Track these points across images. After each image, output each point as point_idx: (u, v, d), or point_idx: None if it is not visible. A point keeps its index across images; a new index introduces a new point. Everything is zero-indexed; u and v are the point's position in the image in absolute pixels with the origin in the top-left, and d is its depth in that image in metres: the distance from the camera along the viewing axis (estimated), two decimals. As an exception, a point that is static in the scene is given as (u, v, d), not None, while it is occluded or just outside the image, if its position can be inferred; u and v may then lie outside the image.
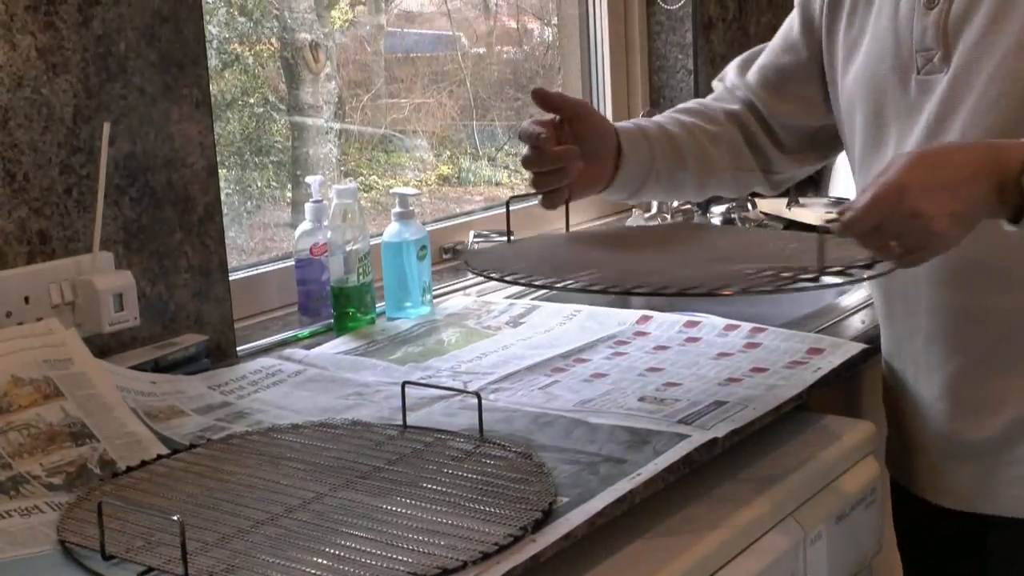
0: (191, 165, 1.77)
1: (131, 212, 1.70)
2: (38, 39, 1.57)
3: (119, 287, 1.64)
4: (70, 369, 1.46)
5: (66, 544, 1.16)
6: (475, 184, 2.79)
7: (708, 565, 1.30)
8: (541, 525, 1.16)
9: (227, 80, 2.29)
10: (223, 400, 1.59)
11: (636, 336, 1.81)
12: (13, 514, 1.23)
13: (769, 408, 1.49)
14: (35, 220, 1.59)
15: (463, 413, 1.49)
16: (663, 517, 1.35)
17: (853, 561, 1.56)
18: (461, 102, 2.73)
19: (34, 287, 1.58)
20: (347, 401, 1.57)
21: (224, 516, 1.20)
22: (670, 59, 2.78)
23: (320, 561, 1.09)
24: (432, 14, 2.66)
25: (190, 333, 1.77)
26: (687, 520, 1.35)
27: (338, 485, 1.27)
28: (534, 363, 1.69)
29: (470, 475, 1.29)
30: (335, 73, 2.46)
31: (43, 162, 1.59)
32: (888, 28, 1.52)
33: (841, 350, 1.68)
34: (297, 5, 2.36)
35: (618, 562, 1.26)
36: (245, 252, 2.21)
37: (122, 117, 1.67)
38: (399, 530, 1.15)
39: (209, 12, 2.11)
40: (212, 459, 1.37)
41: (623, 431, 1.42)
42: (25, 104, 1.57)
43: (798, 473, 1.48)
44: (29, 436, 1.36)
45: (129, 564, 1.10)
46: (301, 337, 1.90)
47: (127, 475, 1.33)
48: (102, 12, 1.63)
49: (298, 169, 2.38)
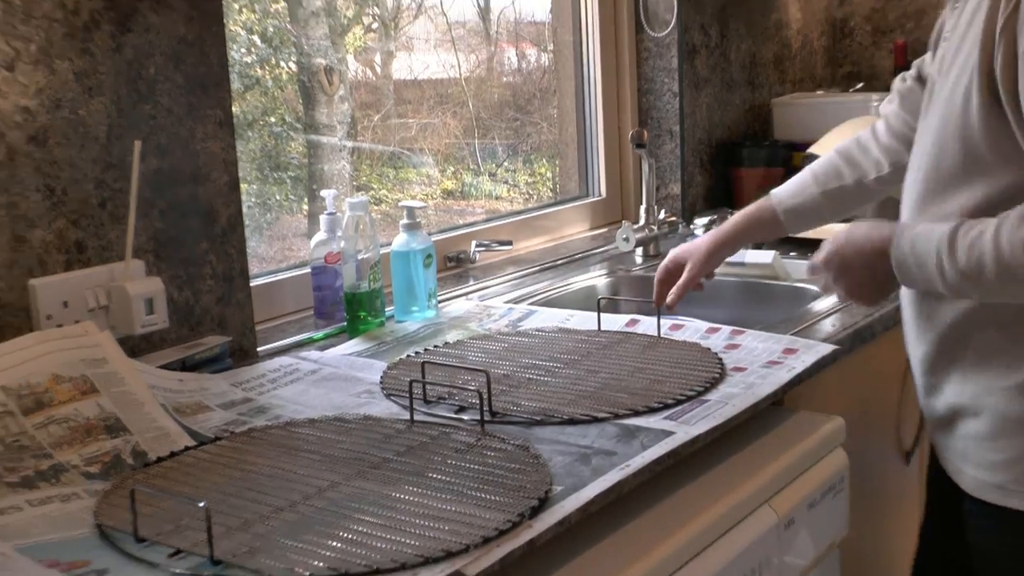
0: (215, 180, 1.78)
1: (160, 223, 1.71)
2: (75, 64, 1.58)
3: (149, 292, 1.64)
4: (105, 368, 1.47)
5: (102, 528, 1.17)
6: (477, 197, 2.80)
7: (692, 547, 1.30)
8: (538, 512, 1.17)
9: (248, 101, 2.29)
10: (245, 396, 1.60)
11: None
12: (54, 500, 1.24)
13: (748, 405, 1.50)
14: (72, 231, 1.60)
15: (465, 409, 1.50)
16: (650, 505, 1.36)
17: (823, 543, 1.56)
18: (464, 122, 2.73)
19: (72, 292, 1.58)
20: (359, 399, 1.58)
21: (246, 503, 1.21)
22: (657, 82, 2.79)
23: (334, 544, 1.10)
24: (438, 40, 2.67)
25: (214, 335, 1.78)
26: (672, 507, 1.36)
27: (351, 475, 1.28)
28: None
29: (472, 466, 1.29)
30: (348, 95, 2.46)
31: (79, 177, 1.60)
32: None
33: (813, 351, 1.69)
34: (313, 32, 2.37)
35: (609, 546, 1.26)
36: (265, 260, 2.21)
37: (152, 136, 1.68)
38: (407, 516, 1.16)
39: (232, 38, 2.11)
40: (235, 451, 1.38)
41: (613, 426, 1.43)
42: (63, 124, 1.57)
43: (773, 464, 1.49)
44: (68, 429, 1.37)
45: (159, 546, 1.11)
46: (316, 339, 1.91)
47: (157, 465, 1.34)
48: (133, 39, 1.64)
49: (314, 184, 2.38)
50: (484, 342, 1.83)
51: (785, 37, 3.18)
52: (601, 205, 2.80)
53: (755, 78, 3.06)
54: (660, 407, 1.48)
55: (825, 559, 1.59)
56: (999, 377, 1.46)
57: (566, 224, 2.71)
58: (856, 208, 1.86)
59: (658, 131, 2.81)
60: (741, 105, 3.01)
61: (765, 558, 1.42)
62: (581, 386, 1.57)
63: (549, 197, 2.85)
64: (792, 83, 3.23)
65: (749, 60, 3.03)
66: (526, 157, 2.87)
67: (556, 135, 2.84)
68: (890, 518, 2.07)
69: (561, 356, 1.72)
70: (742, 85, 3.01)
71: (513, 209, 2.71)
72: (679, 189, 2.81)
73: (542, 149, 2.87)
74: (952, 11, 1.50)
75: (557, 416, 1.45)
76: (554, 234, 2.67)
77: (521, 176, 2.87)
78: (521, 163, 2.86)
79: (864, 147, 1.80)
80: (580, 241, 2.68)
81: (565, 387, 1.57)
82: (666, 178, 2.81)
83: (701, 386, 1.55)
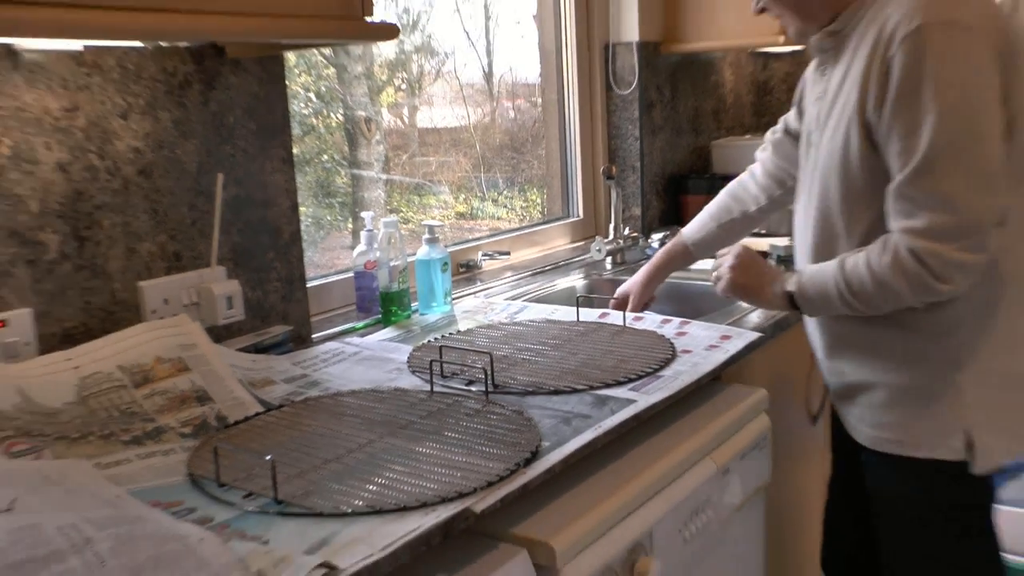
0: (280, 204, 1.78)
1: (238, 238, 1.71)
2: (173, 114, 1.58)
3: (229, 292, 1.64)
4: (195, 351, 1.47)
5: (192, 475, 1.17)
6: (482, 218, 2.79)
7: (651, 490, 1.31)
8: (530, 462, 1.17)
9: (306, 143, 2.29)
10: (302, 373, 1.60)
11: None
12: (157, 454, 1.24)
13: (693, 379, 1.50)
14: (171, 244, 1.60)
15: (473, 383, 1.49)
16: (618, 456, 1.36)
17: (751, 487, 1.56)
18: (472, 160, 2.73)
19: (170, 292, 1.58)
20: (390, 374, 1.58)
21: (302, 456, 1.21)
22: (623, 129, 2.79)
23: (371, 488, 1.10)
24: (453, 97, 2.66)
25: (279, 325, 1.78)
26: (635, 458, 1.36)
27: (384, 433, 1.28)
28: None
29: (479, 426, 1.30)
30: (383, 139, 2.46)
31: (176, 202, 1.60)
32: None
33: (744, 337, 1.69)
34: (356, 91, 2.36)
35: (585, 488, 1.26)
36: (318, 267, 2.21)
37: (231, 170, 1.68)
38: (428, 465, 1.16)
39: (293, 95, 2.11)
40: (294, 415, 1.38)
41: (589, 396, 1.43)
42: (164, 161, 1.57)
43: (713, 425, 1.49)
44: (167, 399, 1.37)
45: (236, 489, 1.11)
46: (358, 328, 1.91)
47: (235, 427, 1.34)
48: (217, 95, 1.64)
49: (356, 207, 2.38)
50: (488, 330, 1.83)
51: (721, 94, 3.17)
52: (579, 224, 2.80)
53: (698, 126, 3.06)
54: (625, 381, 1.48)
55: (753, 499, 1.59)
56: (886, 360, 1.47)
57: (552, 238, 2.71)
58: (745, 233, 1.90)
59: (623, 167, 2.80)
60: (687, 147, 3.01)
61: (707, 498, 1.42)
62: (564, 365, 1.57)
63: (538, 217, 2.85)
64: (726, 129, 3.22)
65: (694, 112, 3.02)
66: (521, 187, 2.86)
67: (544, 170, 2.83)
68: (801, 468, 2.07)
69: (548, 341, 1.72)
70: (688, 131, 3.00)
71: (511, 227, 2.70)
72: (640, 211, 2.81)
73: (533, 181, 2.87)
74: (821, 77, 1.51)
75: (545, 388, 1.45)
76: (543, 246, 2.67)
77: (517, 201, 2.86)
78: (517, 192, 2.86)
79: (745, 187, 1.85)
80: (563, 252, 2.68)
81: (551, 365, 1.57)
82: (630, 203, 2.81)
83: (657, 364, 1.55)
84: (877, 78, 1.32)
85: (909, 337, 1.43)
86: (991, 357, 1.41)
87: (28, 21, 1.04)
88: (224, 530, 1.01)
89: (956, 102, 1.26)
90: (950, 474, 1.43)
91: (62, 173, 1.44)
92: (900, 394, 1.46)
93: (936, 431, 1.43)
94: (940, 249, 1.30)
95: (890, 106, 1.31)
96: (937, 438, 1.43)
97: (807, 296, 1.46)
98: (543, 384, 1.47)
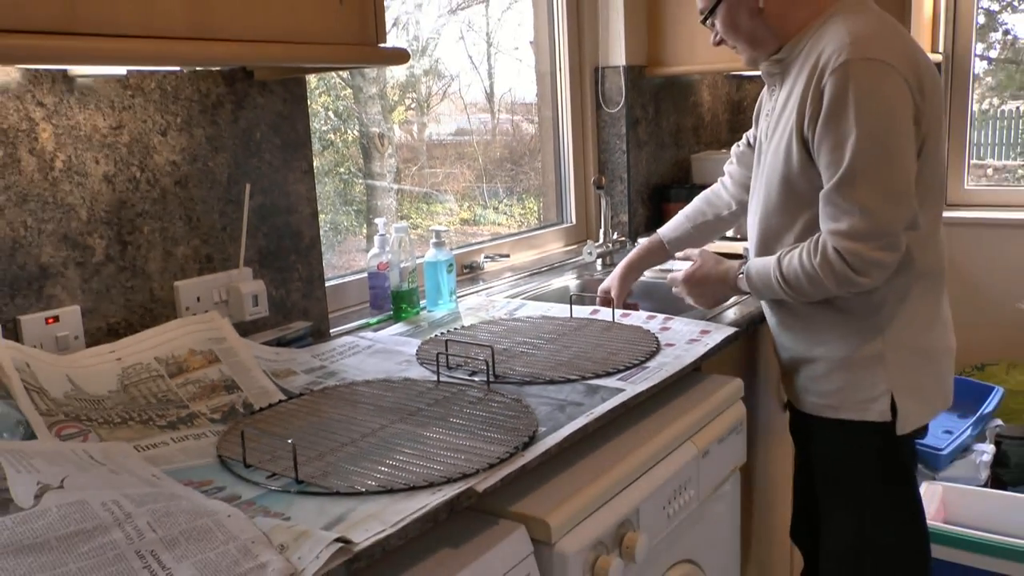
0: (301, 212, 1.77)
1: (263, 242, 1.70)
2: (206, 131, 1.57)
3: (255, 291, 1.64)
4: (224, 344, 1.47)
5: (222, 457, 1.17)
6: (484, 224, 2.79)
7: (638, 470, 1.30)
8: (528, 446, 1.17)
9: (325, 157, 2.28)
10: (321, 364, 1.59)
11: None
12: (189, 438, 1.23)
13: (676, 370, 1.49)
14: (203, 247, 1.59)
15: (476, 373, 1.49)
16: (608, 440, 1.35)
17: (728, 468, 1.56)
18: (476, 172, 2.72)
19: (203, 291, 1.58)
20: (401, 366, 1.57)
21: (320, 440, 1.21)
22: (611, 144, 2.78)
23: (383, 469, 1.10)
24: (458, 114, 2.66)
25: (300, 321, 1.77)
26: (623, 442, 1.35)
27: (395, 419, 1.28)
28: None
29: (481, 413, 1.29)
30: (394, 153, 2.45)
31: (208, 209, 1.59)
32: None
33: (722, 331, 1.68)
34: (370, 110, 2.36)
35: (578, 469, 1.26)
36: (336, 268, 2.20)
37: (258, 180, 1.67)
38: (435, 449, 1.16)
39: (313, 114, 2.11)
40: (313, 403, 1.38)
41: (581, 385, 1.42)
42: (197, 172, 1.57)
43: (694, 411, 1.49)
44: (199, 388, 1.36)
45: (261, 470, 1.11)
46: (371, 323, 1.90)
47: (260, 413, 1.34)
48: (246, 114, 1.64)
49: (370, 214, 2.38)
50: (489, 326, 1.82)
51: (700, 113, 3.17)
52: (572, 229, 2.79)
53: (679, 141, 3.05)
54: (614, 372, 1.48)
55: (730, 479, 1.58)
56: (824, 336, 1.56)
57: (547, 242, 2.70)
58: (716, 235, 1.97)
59: (612, 178, 2.80)
60: (670, 159, 3.00)
61: (689, 478, 1.42)
62: (558, 357, 1.57)
63: (535, 223, 2.84)
64: (705, 144, 3.22)
65: (675, 128, 3.02)
66: (519, 196, 2.86)
67: (540, 180, 2.83)
68: (773, 450, 2.07)
69: (544, 336, 1.71)
70: (670, 146, 3.00)
71: (510, 232, 2.70)
72: (627, 218, 2.80)
73: (530, 190, 2.86)
74: (770, 97, 1.62)
75: (542, 378, 1.45)
76: (539, 249, 2.66)
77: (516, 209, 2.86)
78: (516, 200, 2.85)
79: (718, 194, 1.94)
80: (557, 255, 2.67)
81: (547, 358, 1.57)
82: (618, 210, 2.80)
83: (643, 357, 1.55)
84: (812, 101, 1.42)
85: (842, 318, 1.53)
86: (909, 335, 1.52)
87: (83, 50, 1.06)
88: (250, 507, 1.01)
89: (873, 126, 1.37)
90: (878, 433, 1.54)
91: (108, 184, 1.44)
92: (835, 366, 1.55)
93: (865, 397, 1.53)
94: (860, 248, 1.40)
95: (821, 125, 1.41)
96: (866, 403, 1.53)
97: (755, 287, 1.57)
98: (540, 375, 1.46)
